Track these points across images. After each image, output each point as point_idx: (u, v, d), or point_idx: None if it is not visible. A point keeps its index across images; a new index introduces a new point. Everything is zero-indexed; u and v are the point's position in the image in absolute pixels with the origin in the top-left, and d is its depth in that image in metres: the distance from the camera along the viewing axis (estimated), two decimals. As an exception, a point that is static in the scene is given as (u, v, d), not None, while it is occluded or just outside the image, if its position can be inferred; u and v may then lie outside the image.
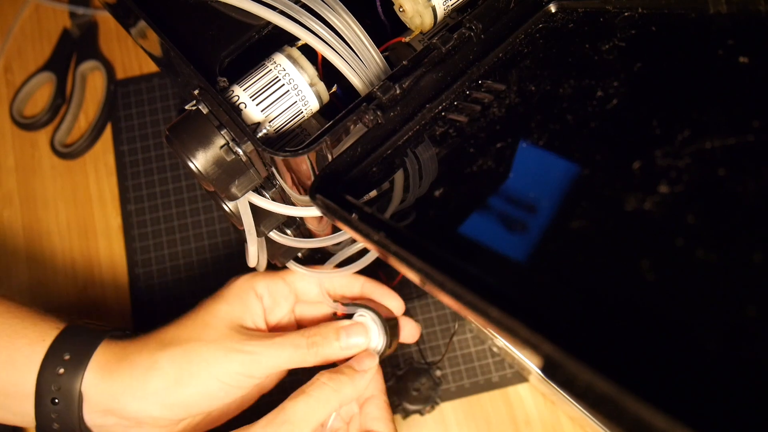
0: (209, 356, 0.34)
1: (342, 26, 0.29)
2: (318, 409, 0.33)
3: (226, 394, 0.35)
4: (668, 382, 0.16)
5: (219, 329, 0.36)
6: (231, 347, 0.35)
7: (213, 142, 0.27)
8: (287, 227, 0.36)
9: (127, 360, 0.35)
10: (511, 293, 0.20)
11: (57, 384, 0.34)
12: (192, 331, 0.36)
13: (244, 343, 0.35)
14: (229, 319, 0.37)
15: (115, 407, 0.35)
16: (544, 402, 0.46)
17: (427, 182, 0.28)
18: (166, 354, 0.35)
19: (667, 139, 0.23)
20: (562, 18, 0.31)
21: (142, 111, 0.54)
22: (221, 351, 0.35)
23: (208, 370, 0.34)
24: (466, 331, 0.48)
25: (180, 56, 0.28)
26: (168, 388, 0.34)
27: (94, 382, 0.35)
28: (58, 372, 0.35)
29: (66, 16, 0.57)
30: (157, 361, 0.35)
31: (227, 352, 0.35)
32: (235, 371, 0.34)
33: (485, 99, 0.29)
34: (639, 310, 0.19)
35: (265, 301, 0.39)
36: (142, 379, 0.34)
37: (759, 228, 0.19)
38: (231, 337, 0.35)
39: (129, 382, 0.35)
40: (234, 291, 0.39)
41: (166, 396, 0.34)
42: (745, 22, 0.26)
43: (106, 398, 0.35)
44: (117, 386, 0.35)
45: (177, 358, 0.35)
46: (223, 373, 0.34)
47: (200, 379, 0.34)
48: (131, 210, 0.51)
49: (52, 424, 0.35)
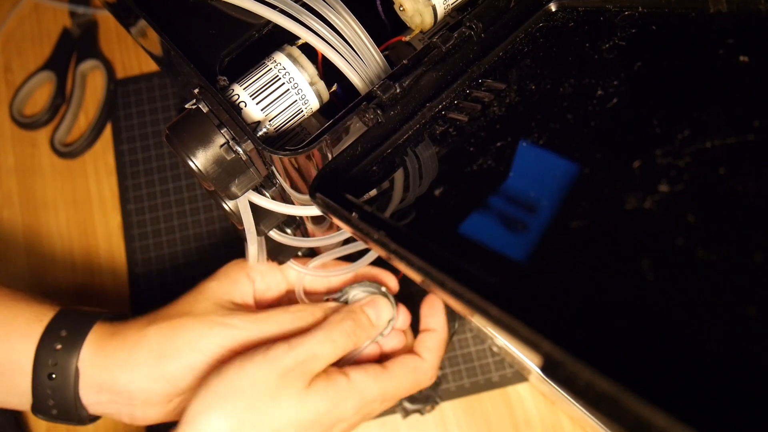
0: (193, 329, 0.35)
1: (342, 25, 0.29)
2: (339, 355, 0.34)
3: (210, 365, 0.35)
4: (668, 381, 0.16)
5: (206, 304, 0.37)
6: (214, 321, 0.35)
7: (213, 141, 0.27)
8: (287, 226, 0.36)
9: (119, 335, 0.36)
10: (511, 292, 0.20)
11: (54, 359, 0.35)
12: (181, 307, 0.37)
13: (227, 316, 0.35)
14: (217, 294, 0.38)
15: (106, 380, 0.35)
16: (544, 401, 0.46)
17: (427, 181, 0.28)
18: (153, 327, 0.36)
19: (667, 138, 0.23)
20: (563, 17, 0.31)
21: (142, 110, 0.54)
22: (205, 324, 0.35)
23: (191, 343, 0.35)
24: (466, 330, 0.48)
25: (180, 55, 0.28)
26: (154, 359, 0.35)
27: (88, 357, 0.35)
28: (55, 347, 0.35)
29: (66, 16, 0.57)
30: (145, 335, 0.35)
31: (211, 325, 0.35)
32: (217, 344, 0.35)
33: (485, 98, 0.29)
34: (639, 310, 0.19)
35: (258, 283, 0.40)
36: (130, 351, 0.35)
37: (759, 227, 0.19)
38: (216, 312, 0.36)
39: (119, 355, 0.35)
40: (225, 270, 0.39)
41: (153, 367, 0.35)
42: (745, 21, 0.26)
43: (99, 372, 0.35)
44: (109, 360, 0.35)
45: (163, 331, 0.35)
46: (205, 347, 0.35)
47: (183, 352, 0.35)
48: (131, 209, 0.51)
49: (48, 400, 0.35)
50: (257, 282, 0.40)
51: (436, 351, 0.38)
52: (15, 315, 0.36)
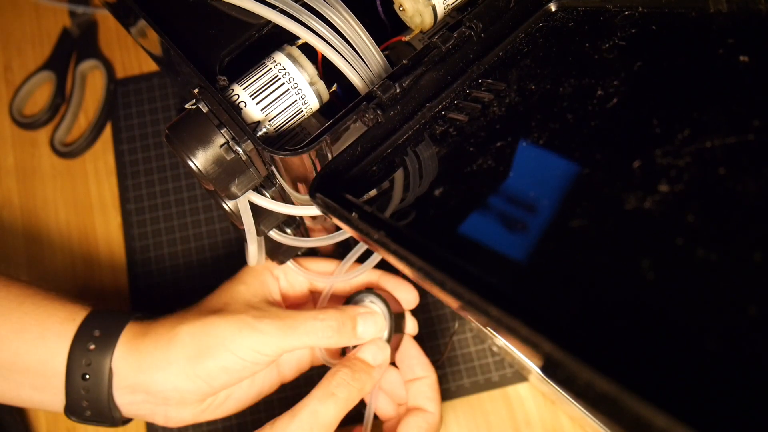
0: (225, 331, 0.35)
1: (342, 25, 0.29)
2: (345, 408, 0.34)
3: (244, 368, 0.35)
4: (668, 381, 0.16)
5: (236, 306, 0.37)
6: (245, 322, 0.35)
7: (213, 141, 0.27)
8: (287, 226, 0.36)
9: (150, 334, 0.36)
10: (510, 292, 0.20)
11: (88, 359, 0.35)
12: (210, 305, 0.38)
13: (258, 320, 0.36)
14: (247, 297, 0.38)
15: (142, 380, 0.35)
16: (544, 401, 0.46)
17: (427, 181, 0.28)
18: (185, 327, 0.36)
19: (667, 138, 0.23)
20: (562, 17, 0.31)
21: (142, 110, 0.54)
22: (235, 326, 0.35)
23: (224, 344, 0.35)
24: (466, 330, 0.48)
25: (180, 55, 0.28)
26: (188, 358, 0.35)
27: (121, 357, 0.35)
28: (88, 347, 0.35)
29: (66, 15, 0.57)
30: (177, 333, 0.35)
31: (241, 328, 0.35)
32: (248, 347, 0.35)
33: (485, 98, 0.29)
34: (639, 309, 0.19)
35: (282, 282, 0.40)
36: (164, 350, 0.35)
37: (759, 227, 0.19)
38: (246, 312, 0.36)
39: (153, 353, 0.35)
40: (251, 272, 0.40)
41: (187, 366, 0.35)
42: (745, 21, 0.26)
43: (133, 372, 0.35)
44: (142, 360, 0.35)
45: (195, 331, 0.35)
46: (238, 348, 0.35)
47: (218, 352, 0.35)
48: (131, 209, 0.51)
49: (82, 401, 0.35)
50: (281, 280, 0.41)
51: (436, 397, 0.38)
52: (49, 314, 0.36)
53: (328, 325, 0.36)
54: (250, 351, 0.35)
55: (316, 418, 0.33)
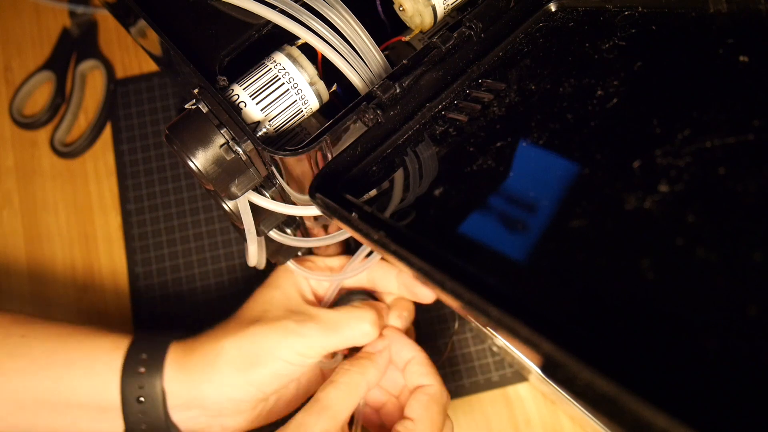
0: (270, 339, 0.36)
1: (342, 25, 0.29)
2: (349, 393, 0.35)
3: (292, 371, 0.37)
4: (668, 381, 0.16)
5: (276, 313, 0.38)
6: (288, 329, 0.36)
7: (213, 141, 0.27)
8: (287, 226, 0.36)
9: (196, 351, 0.37)
10: (510, 292, 0.20)
11: (140, 383, 0.36)
12: (251, 317, 0.38)
13: (300, 325, 0.37)
14: (283, 301, 0.39)
15: (195, 395, 0.36)
16: (544, 401, 0.46)
17: (427, 181, 0.28)
18: (229, 340, 0.37)
19: (667, 138, 0.23)
20: (562, 17, 0.31)
21: (142, 110, 0.54)
22: (280, 334, 0.36)
23: (271, 352, 0.36)
24: (466, 330, 0.48)
25: (180, 55, 0.28)
26: (237, 370, 0.36)
27: (172, 376, 0.36)
28: (139, 371, 0.36)
29: (66, 15, 0.57)
30: (223, 347, 0.36)
31: (286, 334, 0.36)
32: (295, 351, 0.36)
33: (485, 98, 0.29)
34: (639, 310, 0.19)
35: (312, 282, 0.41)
36: (212, 365, 0.36)
37: (759, 227, 0.19)
38: (288, 318, 0.37)
39: (202, 369, 0.36)
40: (282, 275, 0.41)
41: (238, 377, 0.36)
42: (745, 21, 0.26)
43: (187, 389, 0.36)
44: (192, 376, 0.36)
45: (241, 343, 0.36)
46: (285, 354, 0.36)
47: (266, 360, 0.36)
48: (131, 209, 0.51)
49: (141, 424, 0.36)
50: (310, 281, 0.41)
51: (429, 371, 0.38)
52: (94, 346, 0.37)
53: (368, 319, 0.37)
54: (296, 356, 0.36)
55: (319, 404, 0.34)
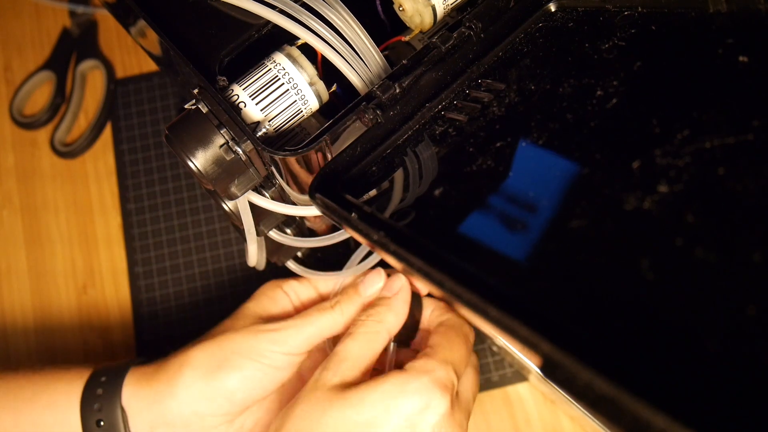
0: (240, 340, 0.34)
1: (342, 25, 0.29)
2: (368, 343, 0.33)
3: (265, 375, 0.34)
4: (667, 381, 0.16)
5: (246, 321, 0.37)
6: (258, 329, 0.35)
7: (212, 141, 0.27)
8: (287, 226, 0.36)
9: (161, 367, 0.36)
10: (510, 292, 0.20)
11: (99, 404, 0.35)
12: (221, 327, 0.37)
13: (271, 323, 0.35)
14: (256, 311, 0.38)
15: (158, 412, 0.34)
16: (544, 401, 0.46)
17: (426, 181, 0.28)
18: (197, 348, 0.35)
19: (666, 138, 0.23)
20: (562, 17, 0.31)
21: (142, 110, 0.54)
22: (250, 334, 0.35)
23: (241, 353, 0.34)
24: (466, 330, 0.48)
25: (179, 55, 0.28)
26: (204, 377, 0.34)
27: (132, 393, 0.35)
28: (97, 393, 0.35)
29: (66, 15, 0.57)
30: (187, 356, 0.35)
31: (255, 333, 0.35)
32: (268, 349, 0.34)
33: (485, 98, 0.29)
34: (638, 310, 0.19)
35: (293, 297, 0.39)
36: (176, 376, 0.34)
37: (759, 227, 0.19)
38: (258, 323, 0.36)
39: (164, 382, 0.35)
40: (261, 290, 0.39)
41: (205, 386, 0.34)
42: (744, 21, 0.26)
43: (147, 406, 0.35)
44: (154, 391, 0.35)
45: (208, 348, 0.35)
46: (257, 354, 0.34)
47: (235, 363, 0.34)
48: (131, 209, 0.51)
49: None
50: (292, 295, 0.39)
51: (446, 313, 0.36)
52: (56, 380, 0.37)
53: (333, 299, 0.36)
54: (270, 353, 0.34)
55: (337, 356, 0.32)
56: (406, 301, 0.35)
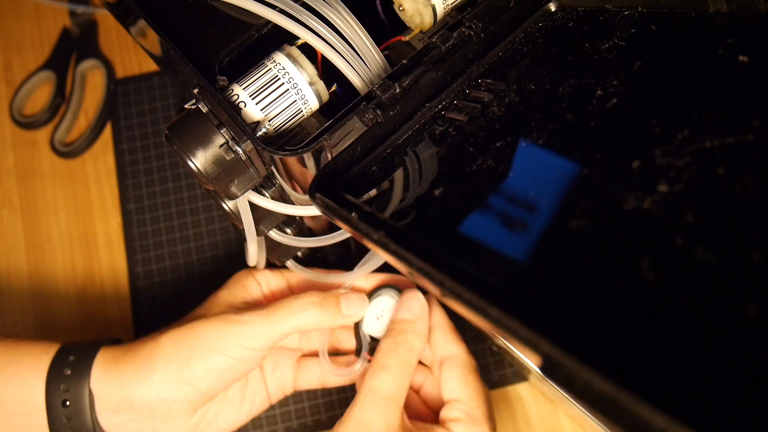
0: (208, 331, 0.34)
1: (342, 25, 0.29)
2: (403, 375, 0.33)
3: (230, 367, 0.34)
4: (667, 381, 0.16)
5: (217, 309, 0.37)
6: (228, 319, 0.35)
7: (212, 141, 0.27)
8: (287, 226, 0.36)
9: (131, 351, 0.35)
10: (510, 292, 0.20)
11: (66, 385, 0.34)
12: (192, 314, 0.38)
13: (240, 314, 0.35)
14: (227, 299, 0.38)
15: (124, 396, 0.34)
16: (544, 401, 0.46)
17: (426, 181, 0.28)
18: (167, 335, 0.35)
19: (666, 138, 0.23)
20: (562, 17, 0.31)
21: (142, 110, 0.54)
22: (219, 324, 0.35)
23: (209, 344, 0.34)
24: (466, 330, 0.48)
25: (179, 55, 0.28)
26: (171, 364, 0.34)
27: (101, 376, 0.35)
28: (65, 373, 0.35)
29: (66, 15, 0.57)
30: (158, 342, 0.35)
31: (225, 324, 0.35)
32: (234, 343, 0.34)
33: (485, 98, 0.29)
34: (638, 309, 0.19)
35: (263, 286, 0.40)
36: (146, 362, 0.34)
37: (759, 227, 0.19)
38: (228, 311, 0.36)
39: (134, 367, 0.34)
40: (234, 278, 0.40)
41: (172, 373, 0.34)
42: (744, 20, 0.26)
43: (115, 390, 0.34)
44: (123, 375, 0.34)
45: (178, 336, 0.35)
46: (223, 346, 0.34)
47: (202, 353, 0.34)
48: (131, 209, 0.51)
49: (66, 430, 0.34)
50: (263, 285, 0.40)
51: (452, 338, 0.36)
52: (21, 353, 0.36)
53: (310, 300, 0.35)
54: (236, 347, 0.34)
55: (377, 395, 0.32)
56: (428, 326, 0.36)
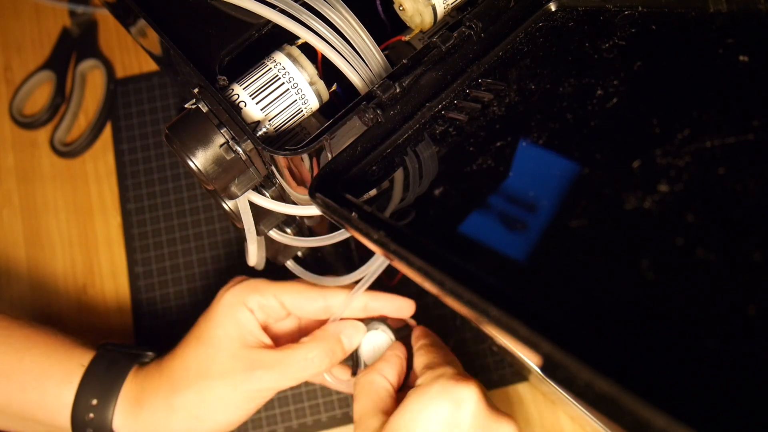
0: (221, 394, 0.36)
1: (342, 24, 0.29)
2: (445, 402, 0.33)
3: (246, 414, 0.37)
4: (668, 381, 0.16)
5: (223, 361, 0.36)
6: (238, 379, 0.36)
7: (212, 140, 0.27)
8: (287, 226, 0.36)
9: (148, 401, 0.37)
10: (510, 292, 0.20)
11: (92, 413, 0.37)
12: (198, 367, 0.37)
13: (249, 374, 0.36)
14: (228, 345, 0.37)
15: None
16: (544, 401, 0.46)
17: (427, 181, 0.28)
18: (180, 398, 0.36)
19: (666, 138, 0.23)
20: (562, 17, 0.31)
21: (142, 110, 0.54)
22: (230, 386, 0.36)
23: (224, 405, 0.36)
24: (466, 330, 0.48)
25: (179, 55, 0.28)
26: (189, 428, 0.37)
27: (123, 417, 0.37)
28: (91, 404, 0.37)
29: (66, 15, 0.57)
30: (172, 405, 0.36)
31: (236, 386, 0.36)
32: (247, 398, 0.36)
33: (485, 98, 0.29)
34: (638, 309, 0.19)
35: (258, 314, 0.38)
36: (164, 422, 0.37)
37: (759, 227, 0.19)
38: (235, 368, 0.36)
39: (152, 421, 0.37)
40: (224, 311, 0.37)
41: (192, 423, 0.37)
42: (745, 20, 0.26)
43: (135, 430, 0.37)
44: (142, 425, 0.37)
45: (192, 400, 0.36)
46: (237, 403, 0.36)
47: (218, 414, 0.36)
48: (131, 209, 0.51)
49: None
50: (257, 312, 0.38)
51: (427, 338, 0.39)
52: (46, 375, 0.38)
53: (319, 357, 0.37)
54: (249, 401, 0.37)
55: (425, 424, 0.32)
56: None
